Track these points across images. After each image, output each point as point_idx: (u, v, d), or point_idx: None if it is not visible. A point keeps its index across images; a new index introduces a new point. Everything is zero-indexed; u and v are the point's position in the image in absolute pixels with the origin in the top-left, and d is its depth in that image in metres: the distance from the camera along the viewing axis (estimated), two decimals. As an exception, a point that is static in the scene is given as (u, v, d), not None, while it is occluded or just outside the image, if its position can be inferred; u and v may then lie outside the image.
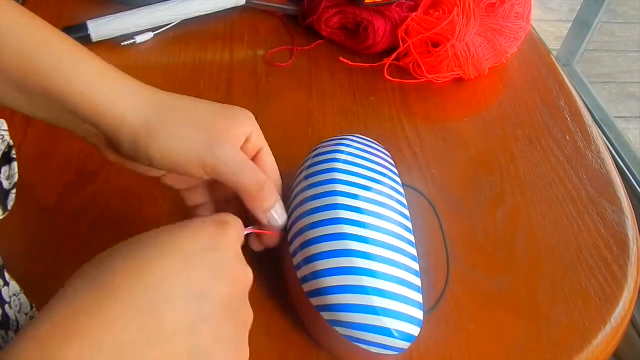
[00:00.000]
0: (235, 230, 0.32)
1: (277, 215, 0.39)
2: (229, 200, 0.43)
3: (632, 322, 1.18)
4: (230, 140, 0.38)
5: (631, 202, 0.55)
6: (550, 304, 0.45)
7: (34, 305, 0.38)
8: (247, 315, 0.32)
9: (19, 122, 0.53)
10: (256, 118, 0.43)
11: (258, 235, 0.41)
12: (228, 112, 0.39)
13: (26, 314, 0.37)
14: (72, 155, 0.51)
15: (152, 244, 0.29)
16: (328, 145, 0.44)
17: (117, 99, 0.37)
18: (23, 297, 0.37)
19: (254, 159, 0.40)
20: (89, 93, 0.36)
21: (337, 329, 0.36)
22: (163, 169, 0.39)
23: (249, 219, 0.39)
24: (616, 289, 0.47)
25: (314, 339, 0.41)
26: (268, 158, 0.41)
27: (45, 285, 0.40)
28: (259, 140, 0.40)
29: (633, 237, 0.51)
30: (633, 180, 1.33)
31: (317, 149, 0.44)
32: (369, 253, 0.36)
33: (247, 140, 0.39)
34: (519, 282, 0.47)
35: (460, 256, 0.48)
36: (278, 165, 0.43)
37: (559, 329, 0.44)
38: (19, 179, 0.49)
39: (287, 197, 0.42)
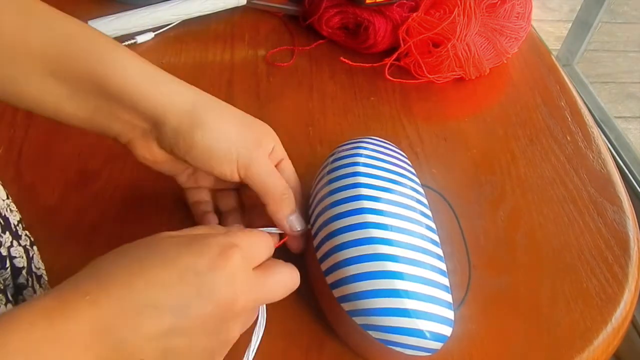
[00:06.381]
0: (242, 254, 0.31)
1: (297, 221, 0.41)
2: (231, 210, 0.46)
3: (633, 323, 1.18)
4: (262, 148, 0.41)
5: (632, 202, 0.55)
6: (550, 304, 0.45)
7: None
8: (230, 337, 0.32)
9: (19, 122, 0.53)
10: (256, 118, 0.44)
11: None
12: (257, 123, 0.42)
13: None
14: (73, 155, 0.51)
15: (158, 251, 0.30)
16: (346, 149, 0.43)
17: (164, 83, 0.38)
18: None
19: (275, 168, 0.43)
20: (136, 77, 0.37)
21: (371, 332, 0.36)
22: (196, 163, 0.40)
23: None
24: (617, 289, 0.47)
25: (348, 345, 0.41)
26: (288, 167, 0.44)
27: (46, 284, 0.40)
28: (280, 151, 0.43)
29: (634, 237, 0.51)
30: (633, 180, 1.33)
31: (334, 153, 0.44)
32: (397, 256, 0.36)
33: (271, 151, 0.42)
34: (519, 282, 0.47)
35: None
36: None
37: (559, 329, 0.44)
38: (20, 179, 0.49)
39: (303, 202, 0.43)
